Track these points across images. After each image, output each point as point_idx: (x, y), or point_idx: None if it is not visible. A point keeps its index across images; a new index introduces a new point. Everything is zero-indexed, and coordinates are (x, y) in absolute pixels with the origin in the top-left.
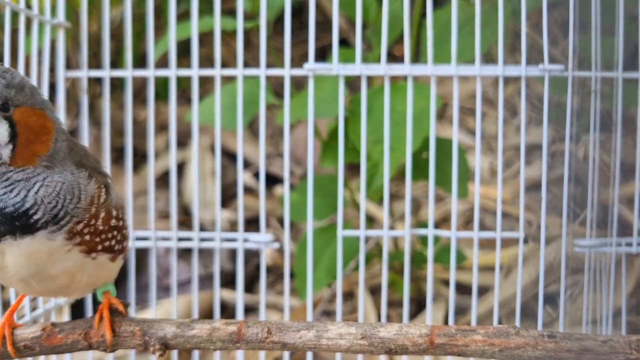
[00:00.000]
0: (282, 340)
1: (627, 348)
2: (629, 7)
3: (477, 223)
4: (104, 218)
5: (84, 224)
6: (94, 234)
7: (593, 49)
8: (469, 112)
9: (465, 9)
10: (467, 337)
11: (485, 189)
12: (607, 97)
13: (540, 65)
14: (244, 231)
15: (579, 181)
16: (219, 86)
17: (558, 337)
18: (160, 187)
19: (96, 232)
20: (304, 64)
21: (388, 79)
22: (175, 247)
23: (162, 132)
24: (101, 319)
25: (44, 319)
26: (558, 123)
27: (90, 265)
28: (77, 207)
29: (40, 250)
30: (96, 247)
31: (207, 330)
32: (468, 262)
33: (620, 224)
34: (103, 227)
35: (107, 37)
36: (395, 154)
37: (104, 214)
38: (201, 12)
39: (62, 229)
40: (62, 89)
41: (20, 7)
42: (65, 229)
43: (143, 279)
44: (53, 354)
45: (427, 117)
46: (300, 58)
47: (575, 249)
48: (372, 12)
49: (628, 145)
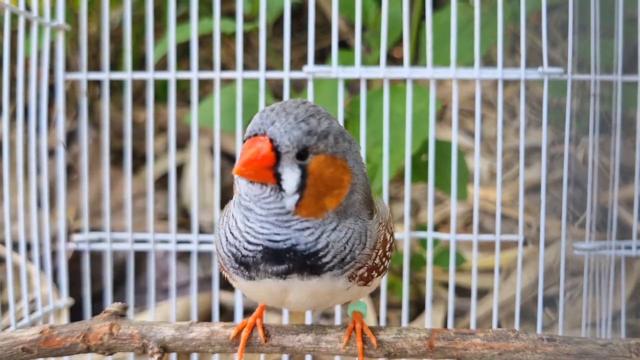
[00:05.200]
0: (281, 343)
1: (626, 351)
2: (629, 10)
3: (476, 225)
4: (382, 249)
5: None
6: (372, 269)
7: (592, 51)
8: (469, 115)
9: (465, 11)
10: (467, 340)
11: (484, 191)
12: (606, 100)
13: (540, 68)
14: None
15: (579, 184)
16: (218, 88)
17: (557, 341)
18: (160, 189)
19: (373, 267)
20: (303, 67)
21: (387, 82)
22: (174, 249)
23: (161, 134)
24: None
25: (43, 321)
26: (557, 125)
27: (367, 290)
28: (362, 253)
29: (324, 289)
30: (372, 277)
31: (206, 333)
32: (467, 265)
33: (619, 227)
34: (379, 260)
35: (107, 39)
36: (395, 156)
37: (382, 248)
38: (200, 14)
39: (344, 273)
40: (61, 91)
41: (19, 9)
42: (348, 273)
43: (142, 282)
44: (51, 357)
45: (426, 119)
46: (299, 60)
47: (575, 251)
48: (372, 14)
49: (627, 148)
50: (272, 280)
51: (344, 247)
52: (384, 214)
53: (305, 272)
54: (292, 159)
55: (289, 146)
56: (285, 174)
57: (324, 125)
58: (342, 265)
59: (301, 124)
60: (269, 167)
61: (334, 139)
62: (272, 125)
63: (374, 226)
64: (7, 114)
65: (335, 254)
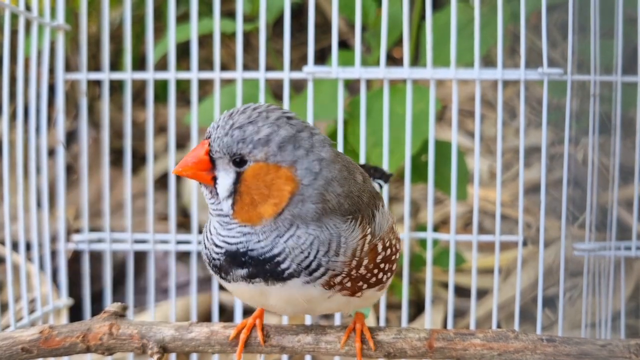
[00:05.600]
0: (281, 343)
1: (626, 352)
2: (629, 10)
3: (476, 226)
4: (370, 260)
5: (344, 276)
6: (357, 280)
7: (592, 51)
8: (468, 115)
9: (465, 11)
10: (466, 341)
11: (484, 192)
12: (606, 100)
13: (540, 69)
14: None
15: (578, 184)
16: (218, 88)
17: (557, 341)
18: (159, 189)
19: (359, 277)
20: (303, 67)
21: (387, 82)
22: (174, 249)
23: (161, 134)
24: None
25: (42, 321)
26: (557, 126)
27: (357, 301)
28: (335, 260)
29: (299, 296)
30: (360, 289)
31: (206, 333)
32: (467, 265)
33: (619, 227)
34: (367, 271)
35: (107, 39)
36: (395, 156)
37: (369, 258)
38: (200, 14)
39: (317, 280)
40: (61, 91)
41: (19, 9)
42: (321, 281)
43: (142, 282)
44: (51, 357)
45: (426, 119)
46: (299, 60)
47: (575, 252)
48: (372, 15)
49: (627, 148)
50: (244, 284)
51: (306, 253)
52: (380, 224)
53: (269, 277)
54: (228, 164)
55: (219, 152)
56: (220, 178)
57: (263, 133)
58: (310, 272)
59: (234, 131)
60: (204, 170)
61: (278, 147)
62: (215, 130)
63: (353, 234)
64: (7, 113)
65: (293, 260)
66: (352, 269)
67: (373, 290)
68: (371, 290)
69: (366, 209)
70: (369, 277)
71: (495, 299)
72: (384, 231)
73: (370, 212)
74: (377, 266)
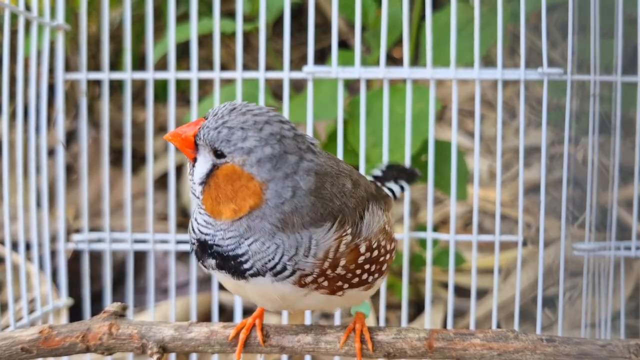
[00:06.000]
0: (281, 343)
1: (625, 352)
2: (628, 10)
3: (476, 226)
4: (348, 261)
5: (316, 276)
6: (335, 279)
7: (592, 51)
8: (468, 115)
9: (465, 11)
10: (466, 341)
11: (484, 192)
12: (606, 100)
13: (539, 69)
14: None
15: (578, 184)
16: (218, 88)
17: (557, 341)
18: (159, 189)
19: (337, 277)
20: (303, 67)
21: (387, 82)
22: (173, 249)
23: (161, 134)
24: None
25: (42, 321)
26: (557, 125)
27: (339, 299)
28: (305, 261)
29: (273, 292)
30: (341, 288)
31: (205, 333)
32: (467, 265)
33: (619, 227)
34: (346, 271)
35: (107, 39)
36: (394, 156)
37: (347, 259)
38: (200, 14)
39: (287, 279)
40: (61, 91)
41: (19, 9)
42: (291, 279)
43: (141, 281)
44: (50, 357)
45: (426, 119)
46: (299, 60)
47: (574, 252)
48: (371, 15)
49: (627, 148)
50: (220, 274)
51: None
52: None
53: (234, 273)
54: (209, 152)
55: (201, 140)
56: (198, 163)
57: (247, 144)
58: (275, 274)
59: (223, 129)
60: (188, 147)
61: (257, 161)
62: (211, 117)
63: (327, 235)
64: (6, 113)
65: (257, 261)
66: (327, 269)
67: (357, 290)
68: (355, 290)
69: (352, 213)
70: (349, 278)
71: (495, 299)
72: (372, 232)
73: (357, 215)
74: (360, 267)
